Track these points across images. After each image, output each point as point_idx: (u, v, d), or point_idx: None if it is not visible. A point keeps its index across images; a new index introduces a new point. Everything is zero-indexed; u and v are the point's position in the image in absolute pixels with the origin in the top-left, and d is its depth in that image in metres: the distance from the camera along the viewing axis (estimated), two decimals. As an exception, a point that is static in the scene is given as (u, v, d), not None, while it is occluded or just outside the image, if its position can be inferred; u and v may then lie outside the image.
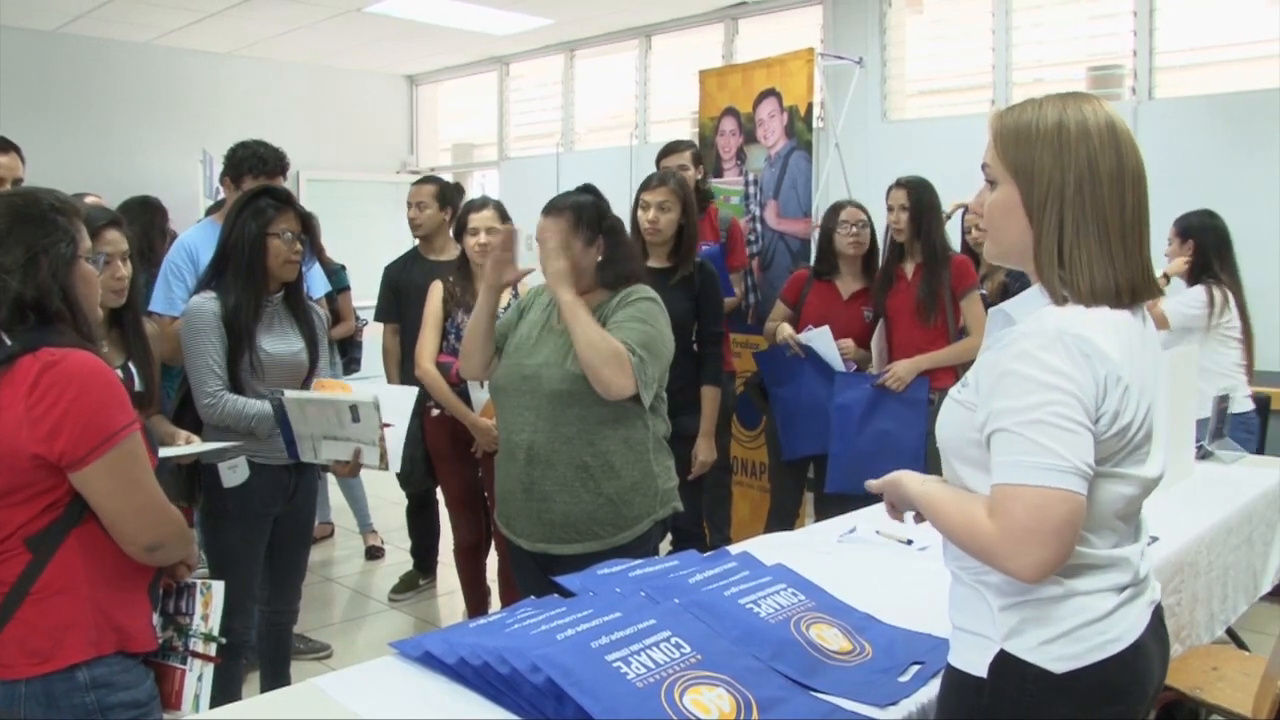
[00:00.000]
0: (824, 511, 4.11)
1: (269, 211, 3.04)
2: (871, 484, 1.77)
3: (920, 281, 4.17)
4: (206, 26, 7.82)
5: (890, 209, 4.25)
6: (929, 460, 3.99)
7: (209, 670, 2.08)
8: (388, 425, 3.00)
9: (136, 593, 1.94)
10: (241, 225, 3.03)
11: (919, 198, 4.17)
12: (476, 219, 3.98)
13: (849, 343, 4.28)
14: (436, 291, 4.05)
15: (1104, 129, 1.47)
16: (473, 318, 2.90)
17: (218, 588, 2.11)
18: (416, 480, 4.37)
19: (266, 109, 8.64)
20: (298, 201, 3.17)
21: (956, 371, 4.12)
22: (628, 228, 3.91)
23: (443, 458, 4.19)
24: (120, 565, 1.88)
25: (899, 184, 4.24)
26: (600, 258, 2.83)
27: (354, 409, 2.95)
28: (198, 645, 2.08)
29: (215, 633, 2.10)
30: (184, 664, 2.08)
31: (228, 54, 8.76)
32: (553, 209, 2.83)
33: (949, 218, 4.98)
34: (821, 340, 4.22)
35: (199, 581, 2.12)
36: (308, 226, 3.14)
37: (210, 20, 7.62)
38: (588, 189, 2.95)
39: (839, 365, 4.23)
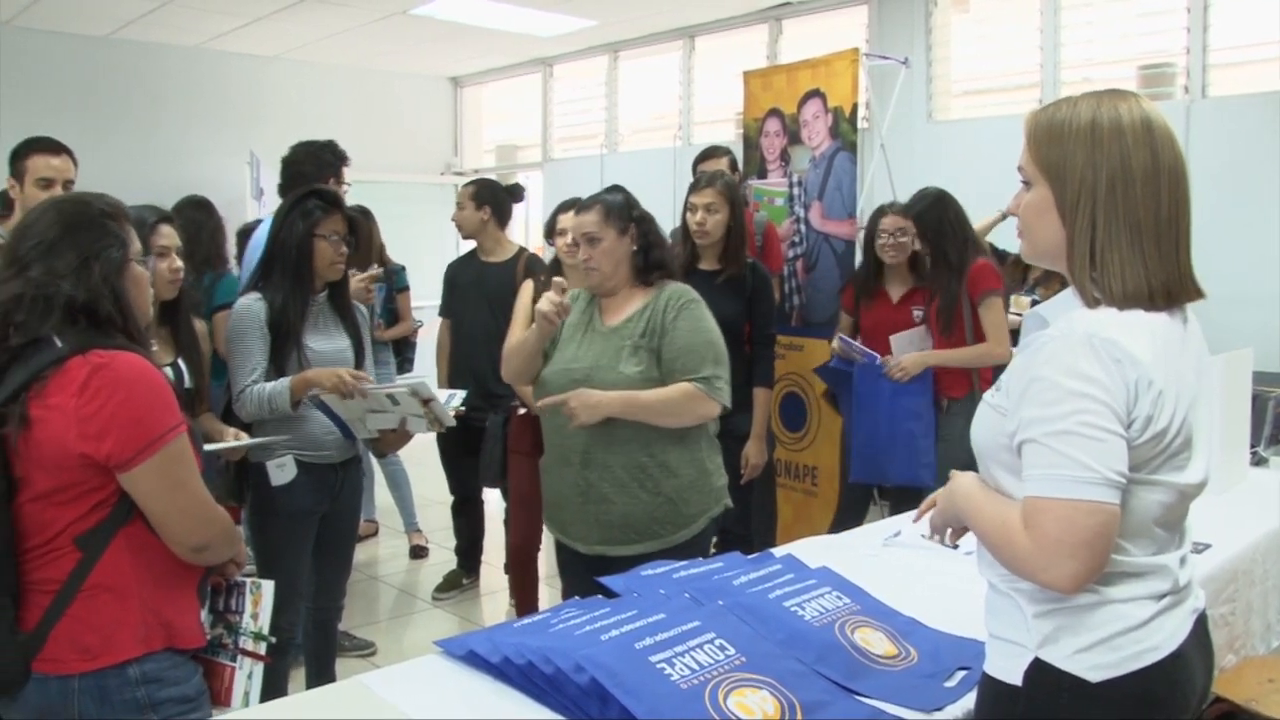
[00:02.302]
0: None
1: (316, 213, 3.08)
2: (937, 494, 1.75)
3: (941, 294, 4.12)
4: (254, 30, 7.91)
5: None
6: (939, 462, 4.03)
7: (259, 669, 2.11)
8: (429, 400, 3.09)
9: (184, 590, 1.96)
10: (289, 226, 3.08)
11: (930, 224, 4.13)
12: (565, 219, 3.96)
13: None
14: (527, 290, 4.06)
15: (1138, 126, 1.44)
16: (525, 341, 2.93)
17: (267, 587, 2.13)
18: (492, 476, 4.39)
19: (312, 111, 8.72)
20: (344, 203, 3.21)
21: (971, 379, 4.09)
22: (679, 230, 3.94)
23: (520, 455, 4.17)
24: (168, 563, 1.90)
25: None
26: (635, 246, 2.89)
27: (391, 397, 3.09)
28: (248, 643, 2.10)
29: (265, 631, 2.12)
30: (234, 661, 2.10)
31: (274, 57, 8.85)
32: (581, 206, 2.93)
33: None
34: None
35: (248, 580, 2.14)
36: (354, 228, 3.18)
37: (257, 24, 7.70)
38: (616, 188, 3.01)
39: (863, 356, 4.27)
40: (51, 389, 1.77)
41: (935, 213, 4.15)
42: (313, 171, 3.87)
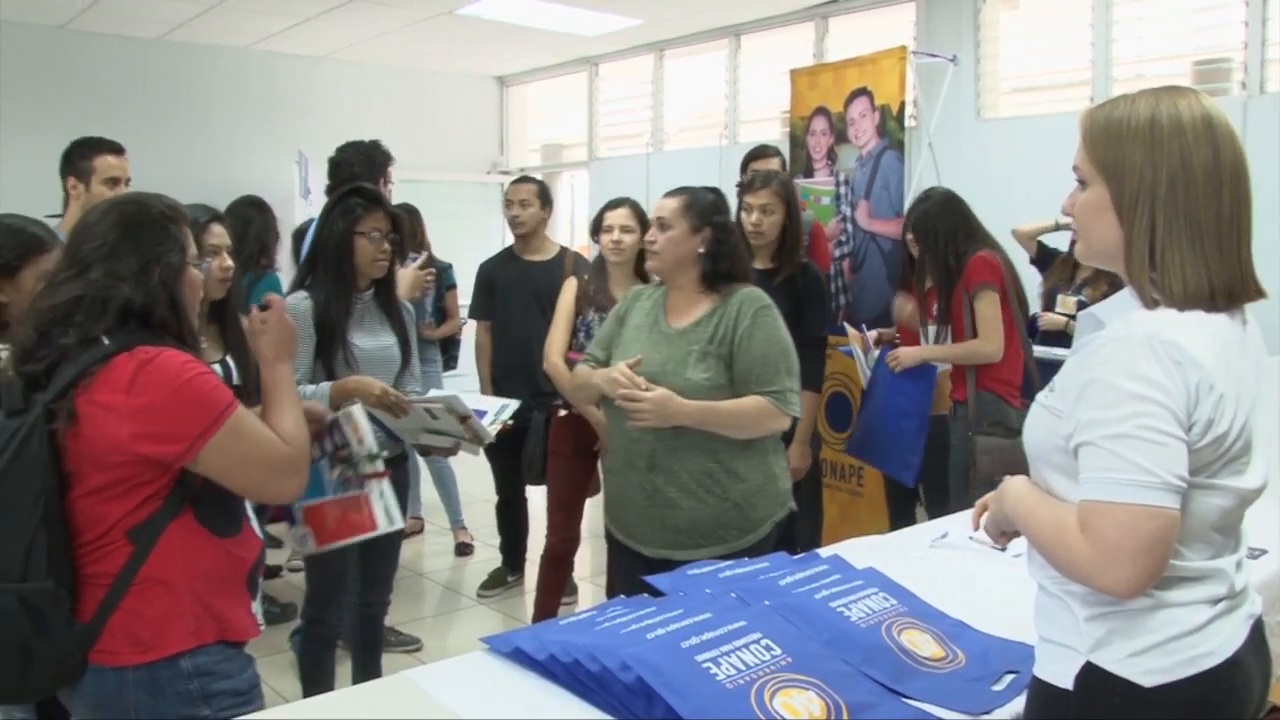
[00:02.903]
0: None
1: (357, 210, 3.10)
2: (988, 497, 1.74)
3: (937, 293, 4.10)
4: (302, 31, 7.99)
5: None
6: (951, 470, 4.06)
7: (386, 485, 2.22)
8: (466, 418, 3.08)
9: (235, 583, 1.98)
10: (331, 225, 3.11)
11: (926, 237, 4.10)
12: (612, 217, 3.95)
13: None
14: (570, 288, 4.06)
15: (1199, 123, 1.42)
16: (589, 384, 2.93)
17: (356, 411, 2.22)
18: (534, 475, 4.40)
19: (360, 111, 8.78)
20: (388, 201, 3.22)
21: (965, 380, 4.04)
22: None
23: (560, 457, 4.18)
24: (218, 557, 1.93)
25: (910, 229, 4.18)
26: (702, 249, 2.86)
27: (429, 412, 3.07)
28: (365, 467, 2.15)
29: (375, 450, 2.23)
30: (362, 489, 2.16)
31: (322, 57, 8.93)
32: (675, 190, 2.93)
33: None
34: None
35: (339, 413, 2.19)
36: (397, 225, 3.19)
37: (306, 25, 7.77)
38: (713, 190, 3.01)
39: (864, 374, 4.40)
40: (99, 385, 1.80)
41: (920, 212, 4.13)
42: (363, 171, 3.91)
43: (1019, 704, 1.76)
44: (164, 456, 1.81)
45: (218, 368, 2.66)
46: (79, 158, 3.50)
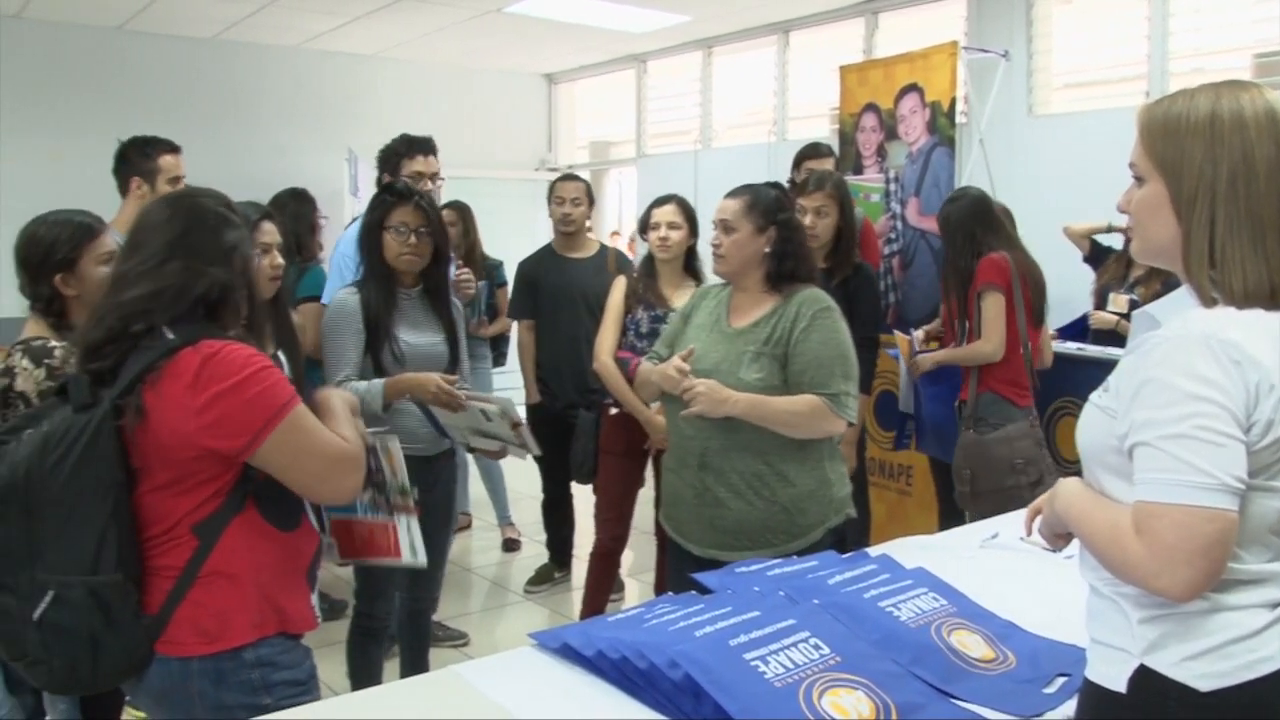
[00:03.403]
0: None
1: (384, 205, 3.13)
2: (1042, 499, 1.72)
3: (953, 294, 4.13)
4: (353, 30, 8.06)
5: None
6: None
7: (413, 520, 2.21)
8: (518, 424, 3.10)
9: (295, 576, 2.01)
10: (366, 220, 3.16)
11: (948, 237, 4.12)
12: (659, 214, 3.94)
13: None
14: (619, 287, 4.06)
15: (1262, 118, 1.39)
16: (649, 381, 2.93)
17: (393, 442, 2.22)
18: (586, 473, 4.42)
19: (409, 108, 8.85)
20: (418, 194, 3.20)
21: (967, 380, 4.05)
22: None
23: (612, 455, 4.18)
24: (279, 551, 1.96)
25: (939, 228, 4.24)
26: (768, 249, 2.83)
27: (484, 413, 3.09)
28: (396, 498, 2.16)
29: (406, 484, 2.22)
30: (391, 517, 2.17)
31: (372, 56, 9.01)
32: (737, 190, 2.89)
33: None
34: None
35: (376, 440, 2.20)
36: (429, 220, 3.19)
37: (356, 23, 7.84)
38: (774, 185, 2.97)
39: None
40: (165, 380, 1.82)
41: (944, 213, 4.14)
42: (384, 168, 3.95)
43: (1070, 707, 1.74)
44: (228, 450, 1.84)
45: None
46: (141, 157, 3.53)
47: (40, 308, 2.45)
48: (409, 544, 2.24)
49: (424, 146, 4.01)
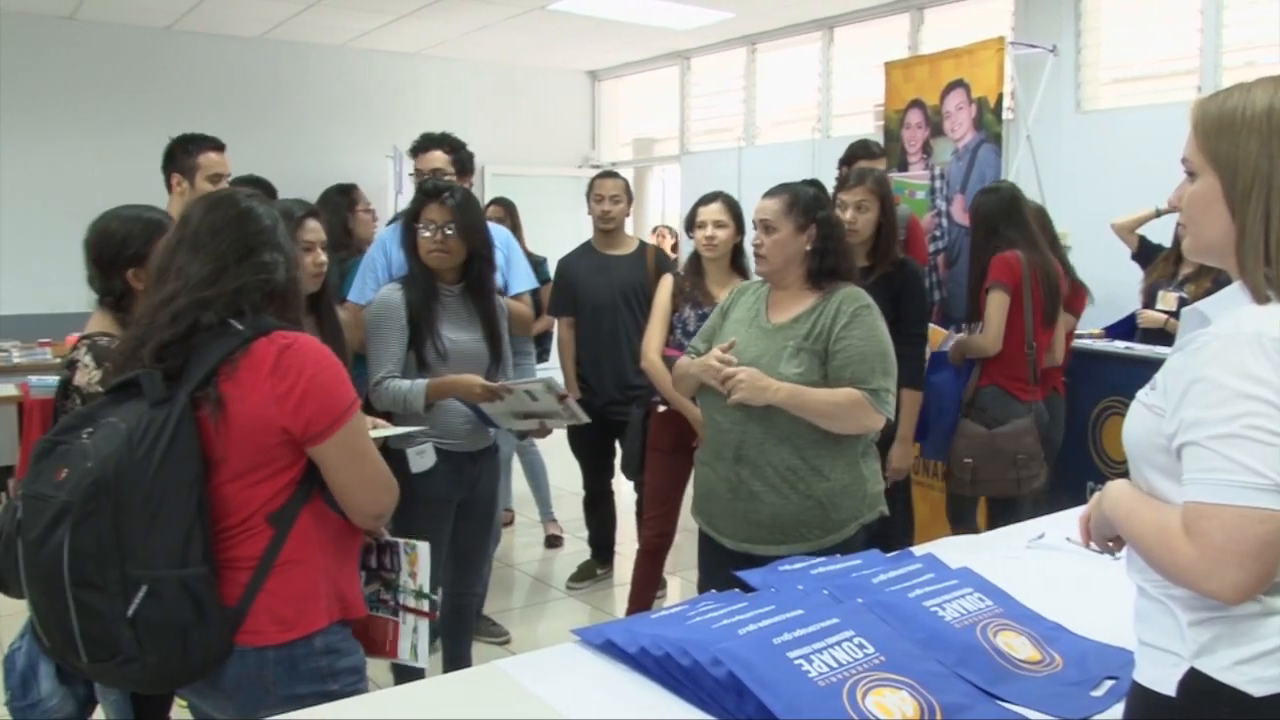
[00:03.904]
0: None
1: (415, 204, 3.18)
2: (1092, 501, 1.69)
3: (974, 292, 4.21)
4: (397, 28, 8.12)
5: None
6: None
7: (424, 624, 2.17)
8: (563, 397, 3.17)
9: (352, 562, 2.06)
10: (405, 218, 3.22)
11: (972, 232, 4.18)
12: (705, 212, 3.92)
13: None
14: (666, 285, 4.06)
15: None
16: (688, 375, 2.93)
17: (423, 549, 2.19)
18: (634, 471, 4.42)
19: (453, 106, 8.91)
20: (442, 192, 3.22)
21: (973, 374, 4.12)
22: None
23: (660, 452, 4.17)
24: (342, 537, 2.00)
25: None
26: (809, 247, 2.84)
27: (529, 394, 3.14)
28: (409, 600, 2.16)
29: (426, 589, 2.18)
30: (395, 616, 2.17)
31: (416, 54, 9.07)
32: (775, 189, 2.90)
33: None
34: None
35: (401, 541, 2.20)
36: (458, 217, 3.19)
37: (401, 22, 7.90)
38: (813, 183, 2.97)
39: None
40: (241, 370, 1.85)
41: (972, 206, 4.19)
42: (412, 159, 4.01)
43: (1118, 711, 1.71)
44: (305, 436, 1.88)
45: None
46: (183, 154, 3.57)
47: (110, 302, 2.48)
48: (410, 646, 2.18)
49: (424, 144, 4.09)
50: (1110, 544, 1.65)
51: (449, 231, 3.16)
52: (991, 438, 3.92)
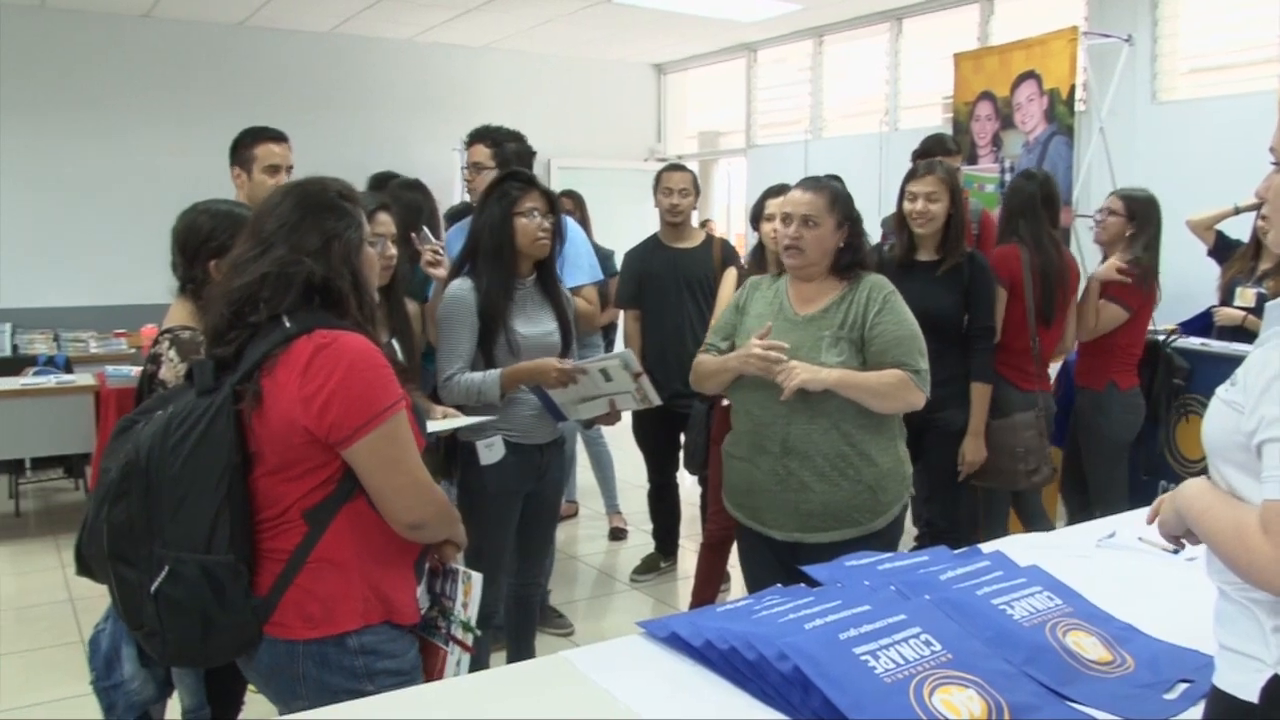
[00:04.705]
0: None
1: (513, 193, 3.16)
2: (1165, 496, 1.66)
3: None
4: (465, 22, 8.18)
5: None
6: None
7: (465, 658, 2.16)
8: (638, 374, 3.17)
9: (403, 568, 2.04)
10: (488, 212, 3.17)
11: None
12: (773, 205, 3.90)
13: None
14: (730, 279, 4.08)
15: None
16: (725, 369, 2.92)
17: (476, 579, 2.16)
18: (698, 464, 4.43)
19: (520, 99, 8.96)
20: (541, 182, 3.24)
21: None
22: (891, 219, 3.89)
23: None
24: (388, 541, 1.98)
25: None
26: (841, 244, 2.90)
27: (604, 372, 3.15)
28: (457, 631, 2.17)
29: (473, 623, 2.17)
30: (445, 645, 2.17)
31: (484, 47, 9.13)
32: (812, 185, 2.91)
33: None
34: None
35: (461, 569, 2.20)
36: (554, 207, 3.22)
37: (468, 15, 7.96)
38: (834, 178, 3.00)
39: None
40: (280, 367, 1.87)
41: (1011, 187, 4.16)
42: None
43: (1193, 714, 1.69)
44: (329, 441, 1.87)
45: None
46: (242, 147, 3.60)
47: (191, 290, 2.54)
48: (452, 676, 2.20)
49: (471, 138, 4.12)
50: (1177, 541, 1.62)
51: (549, 219, 3.18)
52: (994, 430, 3.91)
